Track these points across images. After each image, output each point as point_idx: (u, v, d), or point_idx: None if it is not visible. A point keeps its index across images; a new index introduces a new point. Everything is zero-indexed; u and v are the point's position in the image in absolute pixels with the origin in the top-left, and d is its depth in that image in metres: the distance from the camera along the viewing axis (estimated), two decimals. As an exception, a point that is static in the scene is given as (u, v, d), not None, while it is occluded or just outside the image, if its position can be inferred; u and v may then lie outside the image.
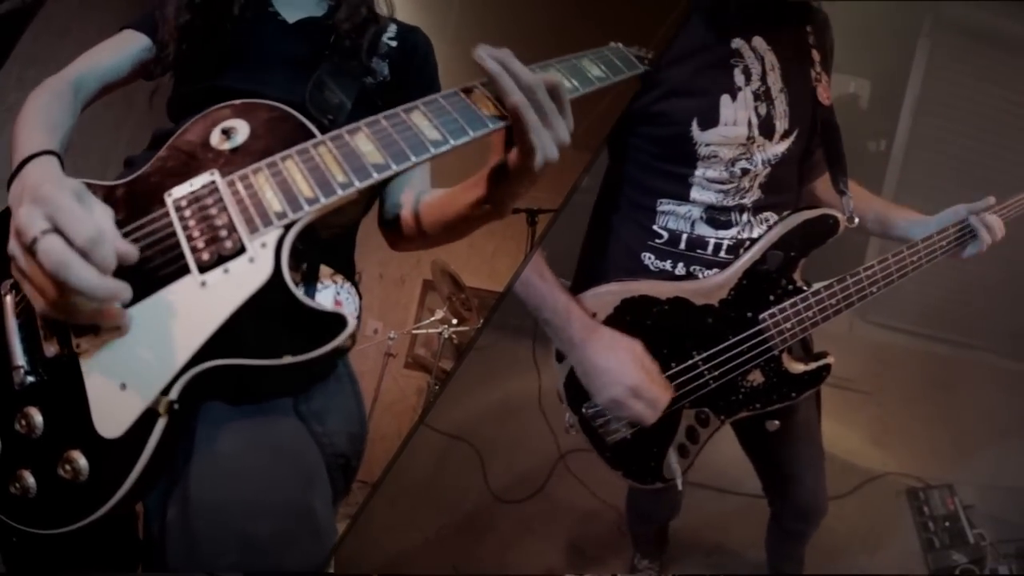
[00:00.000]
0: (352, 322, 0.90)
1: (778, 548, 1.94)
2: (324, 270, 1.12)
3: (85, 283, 0.78)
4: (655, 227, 1.45)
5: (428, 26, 1.46)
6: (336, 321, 0.90)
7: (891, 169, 3.28)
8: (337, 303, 1.13)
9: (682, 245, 1.43)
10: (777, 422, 1.49)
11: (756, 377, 1.42)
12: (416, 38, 1.41)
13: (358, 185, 0.92)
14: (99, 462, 0.86)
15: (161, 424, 0.85)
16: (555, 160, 0.95)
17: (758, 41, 1.41)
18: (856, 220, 1.44)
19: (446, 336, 4.12)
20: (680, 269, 1.43)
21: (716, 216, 1.42)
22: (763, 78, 1.40)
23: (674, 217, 1.43)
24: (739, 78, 1.38)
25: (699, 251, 1.43)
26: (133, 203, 0.96)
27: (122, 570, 1.04)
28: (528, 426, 2.71)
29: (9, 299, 0.97)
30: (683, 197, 1.42)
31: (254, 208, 0.91)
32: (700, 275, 1.42)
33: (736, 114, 1.37)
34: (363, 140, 0.94)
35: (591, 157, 1.58)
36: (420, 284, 5.68)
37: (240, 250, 0.89)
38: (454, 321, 4.15)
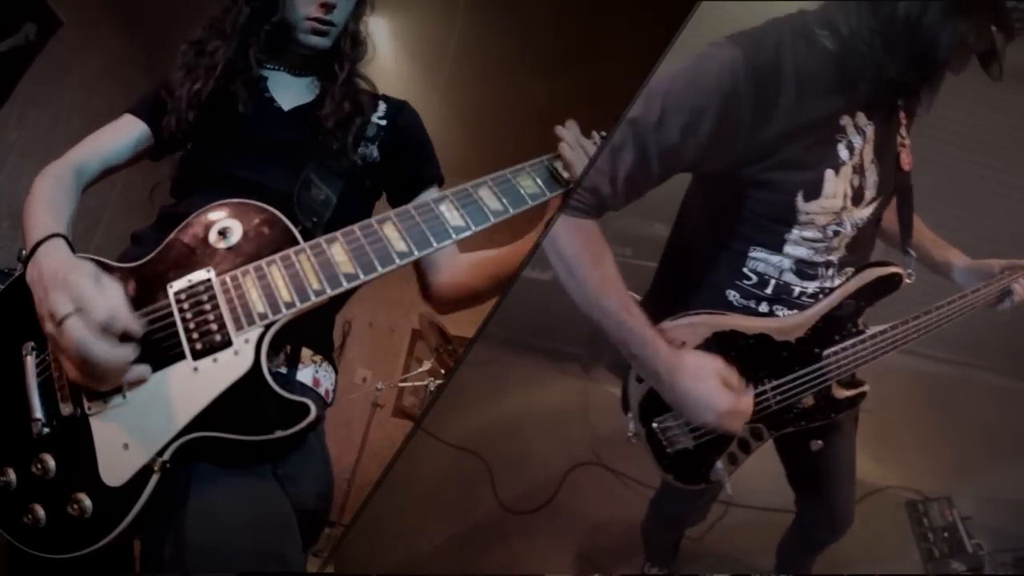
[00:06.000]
0: (313, 411, 1.10)
1: (795, 556, 2.09)
2: (305, 352, 1.33)
3: (101, 356, 1.01)
4: (745, 269, 1.57)
5: (423, 73, 1.57)
6: (302, 407, 1.11)
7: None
8: (315, 381, 1.34)
9: (769, 290, 1.56)
10: (820, 442, 1.68)
11: (808, 400, 1.61)
12: (406, 118, 1.54)
13: (330, 292, 1.13)
14: (102, 504, 1.07)
15: (155, 479, 1.07)
16: None
17: (860, 117, 1.50)
18: (913, 277, 1.59)
19: (432, 389, 4.28)
20: (763, 307, 1.57)
21: (804, 269, 1.55)
22: (860, 152, 1.50)
23: (764, 264, 1.55)
24: (843, 153, 1.48)
25: (783, 296, 1.57)
26: (141, 286, 1.18)
27: None
28: (537, 438, 2.81)
29: (30, 360, 1.17)
30: (777, 249, 1.54)
31: (241, 308, 1.12)
32: (779, 314, 1.58)
33: (836, 187, 1.48)
34: (338, 250, 1.15)
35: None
36: (409, 333, 5.80)
37: (227, 343, 1.11)
38: (442, 372, 4.25)
